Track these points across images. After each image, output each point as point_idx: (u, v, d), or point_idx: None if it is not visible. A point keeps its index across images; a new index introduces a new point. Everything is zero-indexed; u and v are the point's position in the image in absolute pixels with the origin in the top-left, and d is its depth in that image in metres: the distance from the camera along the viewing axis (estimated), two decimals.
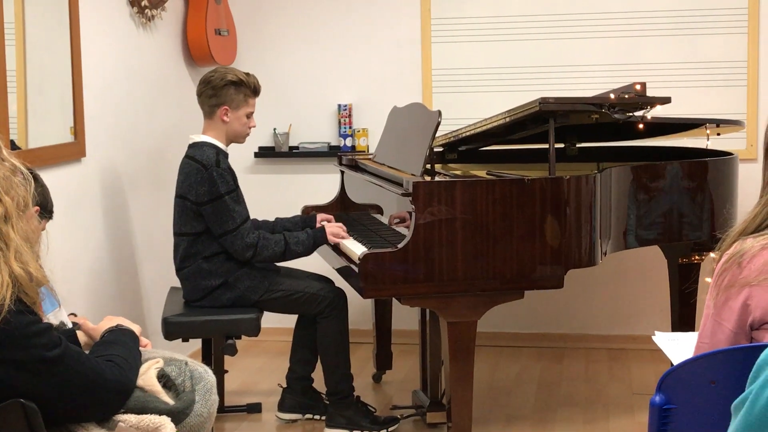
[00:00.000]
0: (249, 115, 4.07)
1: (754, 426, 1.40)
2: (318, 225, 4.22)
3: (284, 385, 4.26)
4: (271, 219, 4.36)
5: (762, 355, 1.44)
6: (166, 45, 4.98)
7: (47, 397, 1.95)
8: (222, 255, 3.96)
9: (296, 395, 4.22)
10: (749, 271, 1.94)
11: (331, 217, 4.33)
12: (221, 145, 4.02)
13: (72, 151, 4.01)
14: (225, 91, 3.99)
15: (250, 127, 4.10)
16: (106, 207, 4.32)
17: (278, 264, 4.15)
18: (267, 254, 3.93)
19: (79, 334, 2.38)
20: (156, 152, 4.81)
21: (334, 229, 4.05)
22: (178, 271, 4.03)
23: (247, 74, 4.06)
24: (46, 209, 3.38)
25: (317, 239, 4.01)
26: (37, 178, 3.36)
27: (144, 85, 4.72)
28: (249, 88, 4.04)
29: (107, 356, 2.13)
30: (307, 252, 4.01)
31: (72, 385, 1.98)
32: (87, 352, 2.17)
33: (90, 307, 4.07)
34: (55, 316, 2.86)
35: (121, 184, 4.50)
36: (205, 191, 3.88)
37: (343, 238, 4.01)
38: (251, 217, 4.12)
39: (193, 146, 4.00)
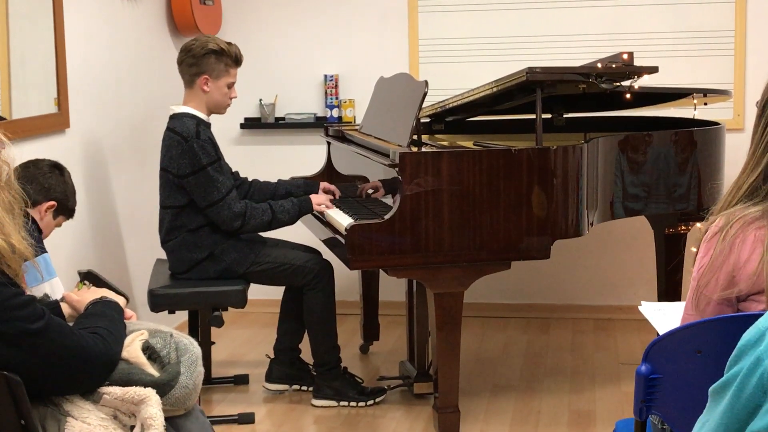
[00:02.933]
0: (230, 86, 4.01)
1: (742, 414, 1.39)
2: (320, 192, 4.20)
3: (271, 356, 4.26)
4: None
5: (743, 339, 1.42)
6: (150, 14, 4.93)
7: (31, 369, 1.93)
8: (207, 227, 3.94)
9: (283, 366, 4.22)
10: (735, 243, 1.95)
11: (334, 188, 4.27)
12: (202, 116, 3.97)
13: (56, 122, 3.98)
14: (206, 60, 3.94)
15: (231, 98, 4.04)
16: (91, 178, 4.29)
17: (265, 235, 4.14)
18: (254, 223, 3.91)
19: (63, 306, 2.35)
20: (140, 123, 4.77)
21: (320, 198, 4.04)
22: (164, 243, 4.01)
23: (229, 43, 4.00)
24: (65, 207, 3.38)
25: (303, 208, 4.00)
26: (63, 173, 3.37)
27: (128, 56, 4.68)
28: (230, 57, 3.98)
29: (91, 328, 2.11)
30: (292, 221, 4.00)
31: (56, 358, 1.97)
32: (71, 324, 2.15)
33: (74, 279, 4.05)
34: (51, 287, 2.85)
35: (106, 156, 4.47)
36: (186, 163, 3.85)
37: (327, 207, 4.00)
38: (250, 178, 4.10)
39: (174, 117, 3.96)
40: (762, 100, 1.99)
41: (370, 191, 3.89)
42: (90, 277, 2.51)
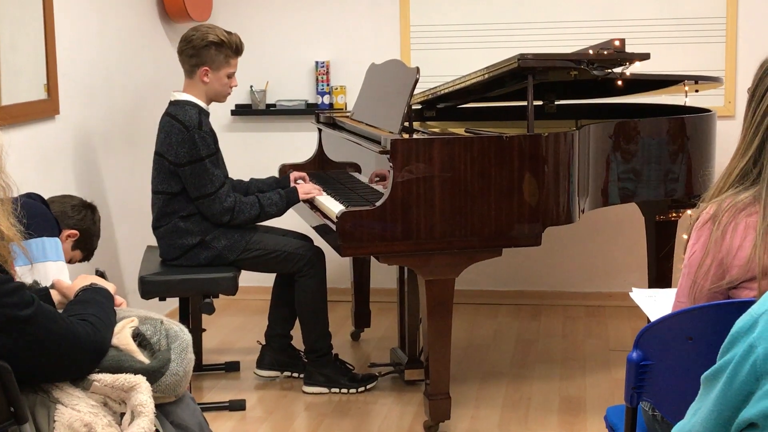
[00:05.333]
0: (230, 76, 4.00)
1: (734, 401, 1.39)
2: (292, 184, 4.20)
3: (263, 342, 4.26)
4: (246, 179, 4.32)
5: (736, 326, 1.42)
6: (140, 0, 4.90)
7: (20, 356, 1.92)
8: (199, 214, 3.93)
9: (275, 352, 4.23)
10: (727, 231, 1.95)
11: (304, 174, 4.31)
12: (202, 104, 3.97)
13: (45, 109, 3.96)
14: (206, 52, 3.92)
15: (231, 87, 4.04)
16: (81, 165, 4.28)
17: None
18: (243, 218, 3.92)
19: (53, 293, 2.34)
20: (130, 110, 4.75)
21: (306, 187, 4.06)
22: (155, 229, 4.00)
23: (230, 33, 3.98)
24: (86, 244, 3.48)
25: (290, 199, 4.01)
26: (94, 213, 3.50)
27: (118, 42, 4.65)
28: (231, 48, 3.96)
29: (81, 315, 2.10)
30: (280, 213, 4.01)
31: (45, 345, 1.96)
32: (61, 311, 2.14)
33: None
34: (57, 269, 2.84)
35: (96, 142, 4.45)
36: (185, 152, 3.84)
37: (317, 194, 4.02)
38: (235, 168, 4.11)
39: (175, 104, 3.95)
40: (752, 86, 2.00)
41: (376, 179, 3.87)
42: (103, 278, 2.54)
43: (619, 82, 4.05)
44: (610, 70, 3.87)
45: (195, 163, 3.84)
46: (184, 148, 3.84)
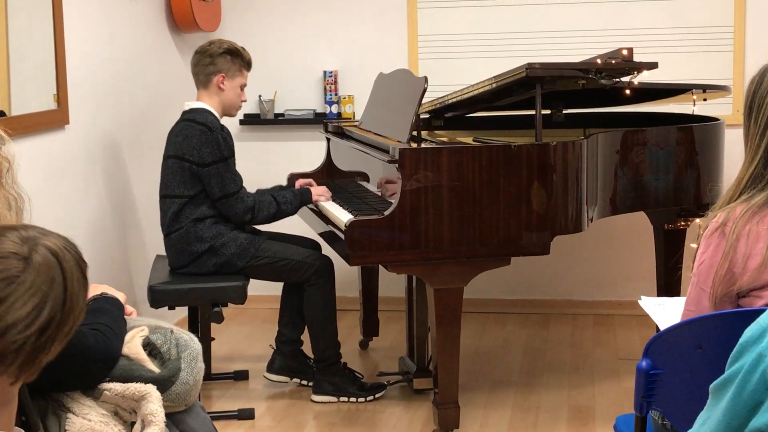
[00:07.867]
0: (242, 87, 4.12)
1: (744, 410, 1.39)
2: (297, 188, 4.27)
3: (275, 346, 4.27)
4: (252, 191, 4.33)
5: (744, 335, 1.42)
6: (150, 10, 4.92)
7: None
8: (209, 219, 3.95)
9: (286, 358, 4.24)
10: (737, 238, 1.95)
11: (311, 180, 4.36)
12: (217, 115, 4.05)
13: (55, 119, 3.97)
14: (222, 59, 4.05)
15: (242, 100, 4.15)
16: (91, 175, 4.29)
17: (265, 229, 4.15)
18: (262, 216, 3.99)
19: None
20: (140, 119, 4.77)
21: (319, 189, 4.16)
22: (166, 235, 4.01)
23: (242, 48, 4.14)
24: None
25: (303, 198, 4.09)
26: None
27: (127, 52, 4.67)
28: (243, 59, 4.12)
29: (92, 325, 2.11)
30: (294, 212, 4.09)
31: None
32: None
33: None
34: None
35: (106, 152, 4.46)
36: (209, 152, 3.90)
37: (326, 198, 4.10)
38: (247, 175, 4.20)
39: (191, 111, 4.02)
40: (748, 100, 2.03)
41: (383, 188, 3.89)
42: None
43: (627, 91, 4.06)
44: (618, 79, 3.87)
45: (219, 163, 3.91)
46: (208, 149, 3.89)
